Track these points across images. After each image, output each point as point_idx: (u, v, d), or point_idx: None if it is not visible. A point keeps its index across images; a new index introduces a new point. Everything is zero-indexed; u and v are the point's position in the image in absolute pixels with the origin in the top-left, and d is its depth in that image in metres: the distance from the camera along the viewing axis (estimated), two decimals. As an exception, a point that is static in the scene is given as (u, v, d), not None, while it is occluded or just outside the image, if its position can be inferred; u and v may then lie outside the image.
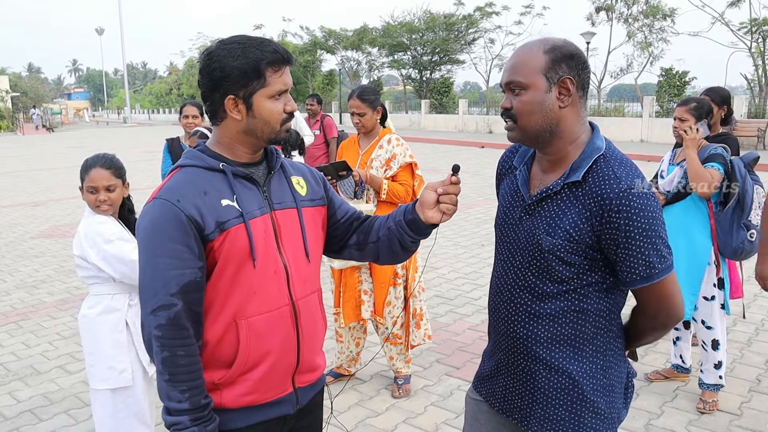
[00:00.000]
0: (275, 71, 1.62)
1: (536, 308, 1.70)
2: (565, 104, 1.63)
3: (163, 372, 1.57)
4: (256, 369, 1.67)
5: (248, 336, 1.65)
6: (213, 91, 1.64)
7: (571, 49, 1.64)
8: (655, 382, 4.03)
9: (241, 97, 1.62)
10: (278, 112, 1.65)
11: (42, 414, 3.81)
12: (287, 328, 1.71)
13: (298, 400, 1.79)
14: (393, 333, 3.89)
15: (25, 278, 6.81)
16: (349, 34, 42.85)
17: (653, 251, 1.56)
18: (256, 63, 1.59)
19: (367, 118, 3.85)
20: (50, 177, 16.15)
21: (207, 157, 1.68)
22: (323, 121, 8.21)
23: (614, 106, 28.56)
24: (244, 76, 1.60)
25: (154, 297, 1.57)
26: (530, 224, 1.69)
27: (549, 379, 1.71)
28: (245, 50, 1.60)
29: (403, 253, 1.86)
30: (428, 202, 1.72)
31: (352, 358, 4.14)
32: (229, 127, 1.68)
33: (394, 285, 3.83)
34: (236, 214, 1.63)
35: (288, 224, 1.73)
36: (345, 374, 4.17)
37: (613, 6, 30.94)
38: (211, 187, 1.63)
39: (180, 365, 1.57)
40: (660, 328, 1.72)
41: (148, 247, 1.59)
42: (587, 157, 1.63)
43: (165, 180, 1.69)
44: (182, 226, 1.57)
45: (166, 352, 1.56)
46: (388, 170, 3.79)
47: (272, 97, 1.64)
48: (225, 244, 1.61)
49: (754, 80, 26.05)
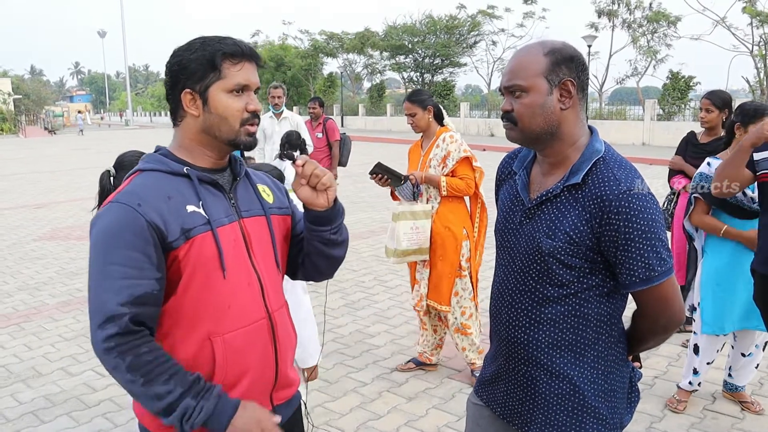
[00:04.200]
0: (233, 64, 1.54)
1: (537, 313, 1.70)
2: (566, 106, 1.63)
3: (135, 378, 1.44)
4: (234, 389, 1.58)
5: (225, 354, 1.55)
6: (173, 89, 1.57)
7: (571, 51, 1.65)
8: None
9: (197, 90, 1.54)
10: (236, 108, 1.55)
11: (44, 416, 3.81)
12: (265, 343, 1.63)
13: None
14: (462, 323, 4.03)
15: (27, 280, 6.82)
16: (350, 37, 42.89)
17: (653, 253, 1.56)
18: (212, 54, 1.53)
19: (419, 118, 4.03)
20: (52, 179, 16.18)
21: (169, 160, 1.58)
22: (326, 124, 8.21)
23: (616, 109, 28.57)
24: (200, 68, 1.53)
25: (102, 308, 1.44)
26: (530, 228, 1.69)
27: (550, 384, 1.71)
28: (204, 44, 1.55)
29: (331, 248, 1.76)
30: (302, 194, 1.65)
31: (436, 344, 4.30)
32: (188, 127, 1.58)
33: (460, 277, 3.99)
34: (203, 221, 1.53)
35: (258, 232, 1.65)
36: (427, 362, 4.32)
37: (615, 11, 30.97)
38: (176, 192, 1.53)
39: (150, 361, 1.45)
40: (661, 332, 1.72)
41: (100, 253, 1.47)
42: (587, 160, 1.63)
43: (123, 184, 1.57)
44: (142, 233, 1.45)
45: (129, 356, 1.43)
46: (445, 167, 3.95)
47: (230, 92, 1.55)
48: (191, 253, 1.51)
49: (756, 83, 26.03)
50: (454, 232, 3.95)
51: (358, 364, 4.45)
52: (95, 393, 4.09)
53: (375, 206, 11.04)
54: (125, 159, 2.89)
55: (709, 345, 3.65)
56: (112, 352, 1.44)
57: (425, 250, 3.99)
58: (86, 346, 4.90)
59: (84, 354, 4.74)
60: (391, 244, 4.03)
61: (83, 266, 7.31)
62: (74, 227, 9.74)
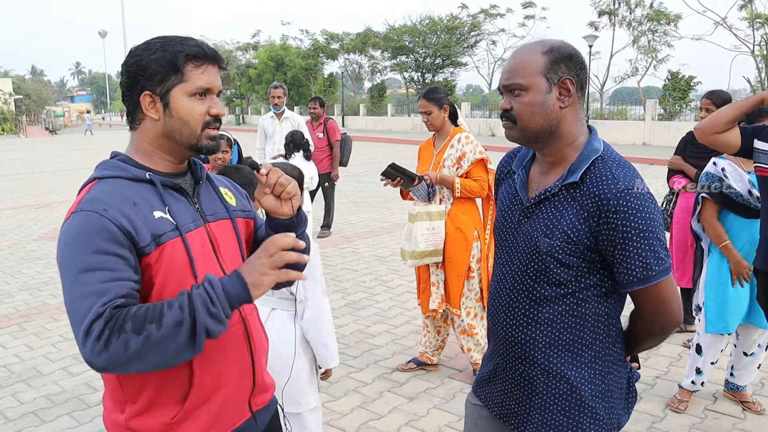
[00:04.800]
0: (196, 66, 1.49)
1: (534, 313, 1.70)
2: (565, 104, 1.64)
3: (148, 332, 1.29)
4: (213, 399, 1.53)
5: (201, 363, 1.50)
6: (131, 90, 1.50)
7: (569, 49, 1.65)
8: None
9: (158, 93, 1.48)
10: (198, 112, 1.50)
11: (45, 416, 3.81)
12: (242, 349, 1.60)
13: (257, 424, 1.69)
14: (468, 324, 4.01)
15: (28, 280, 6.83)
16: (351, 38, 42.91)
17: (650, 252, 1.56)
18: (174, 56, 1.46)
19: (434, 116, 3.99)
20: (53, 179, 16.19)
21: (129, 166, 1.51)
22: (326, 124, 8.23)
23: (617, 109, 28.56)
24: (161, 70, 1.46)
25: (84, 317, 1.31)
26: (528, 227, 1.70)
27: (547, 384, 1.71)
28: (165, 44, 1.48)
29: None
30: (266, 202, 1.63)
31: (438, 346, 4.29)
32: (147, 131, 1.52)
33: (468, 278, 3.97)
34: (171, 227, 1.47)
35: (224, 236, 1.61)
36: (428, 363, 4.32)
37: (615, 11, 30.97)
38: (140, 199, 1.46)
39: (144, 311, 1.33)
40: (658, 332, 1.71)
41: (71, 264, 1.36)
42: (585, 159, 1.63)
43: (80, 194, 1.48)
44: (113, 237, 1.37)
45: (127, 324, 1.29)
46: (459, 168, 3.92)
47: (192, 95, 1.49)
48: (162, 259, 1.44)
49: (757, 83, 26.02)
50: (465, 234, 3.93)
51: (359, 364, 4.45)
52: (96, 393, 4.09)
53: (376, 206, 11.04)
54: None
55: (713, 344, 3.65)
56: (111, 339, 1.29)
57: (440, 252, 3.97)
58: (87, 346, 4.90)
59: (85, 354, 4.74)
60: (408, 246, 3.98)
61: (84, 266, 7.31)
62: (75, 227, 9.74)
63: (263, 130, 7.76)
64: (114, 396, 1.55)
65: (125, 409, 1.52)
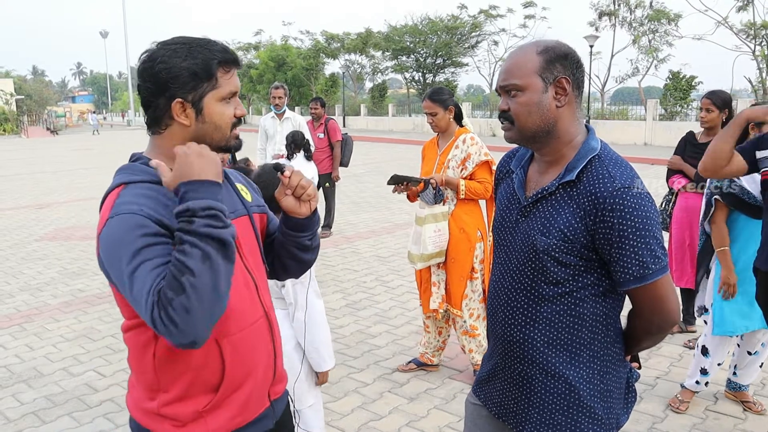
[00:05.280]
0: (226, 72, 1.52)
1: (533, 312, 1.70)
2: (562, 104, 1.64)
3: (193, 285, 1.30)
4: (242, 388, 1.60)
5: (233, 355, 1.56)
6: (157, 96, 1.50)
7: (564, 49, 1.65)
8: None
9: (189, 100, 1.49)
10: (229, 116, 1.55)
11: (45, 416, 3.81)
12: (266, 340, 1.67)
13: (275, 412, 1.75)
14: (471, 325, 4.00)
15: (29, 281, 6.83)
16: (352, 37, 42.93)
17: (647, 251, 1.56)
18: (207, 63, 1.48)
19: (439, 118, 3.98)
20: (54, 179, 16.20)
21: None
22: (327, 124, 8.23)
23: (618, 109, 28.55)
24: (194, 77, 1.47)
25: (147, 306, 1.34)
26: (526, 226, 1.70)
27: (545, 383, 1.71)
28: (192, 50, 1.48)
29: (305, 253, 1.79)
30: (286, 203, 1.67)
31: (439, 347, 4.28)
32: (174, 135, 1.53)
33: (471, 279, 3.96)
34: None
35: (244, 232, 1.64)
36: (428, 363, 4.32)
37: (615, 11, 30.97)
38: (169, 200, 1.48)
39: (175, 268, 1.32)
40: (656, 331, 1.71)
41: (122, 266, 1.38)
42: (582, 158, 1.64)
43: (109, 200, 1.49)
44: (153, 230, 1.40)
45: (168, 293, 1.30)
46: (464, 170, 3.92)
47: (223, 100, 1.53)
48: None
49: (758, 83, 26.00)
50: (468, 234, 3.93)
51: (360, 365, 4.45)
52: (96, 393, 4.09)
53: (376, 206, 11.04)
54: None
55: (720, 346, 3.64)
56: (170, 317, 1.30)
57: (444, 252, 3.97)
58: (88, 346, 4.91)
59: (85, 354, 4.75)
60: (416, 249, 3.96)
61: (85, 267, 7.33)
62: (76, 227, 9.75)
63: (264, 131, 7.77)
64: (145, 385, 1.59)
65: (157, 397, 1.57)
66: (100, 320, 5.49)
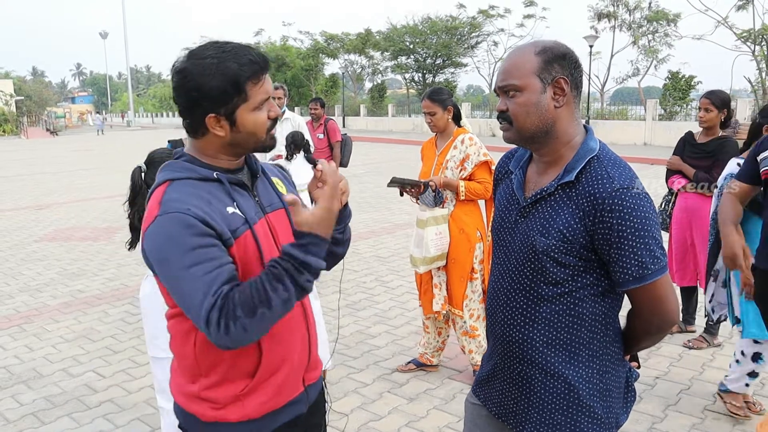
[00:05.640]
0: (255, 84, 1.55)
1: (532, 312, 1.70)
2: (560, 104, 1.64)
3: (262, 311, 1.44)
4: (278, 373, 1.67)
5: (269, 342, 1.63)
6: (191, 110, 1.56)
7: (563, 49, 1.65)
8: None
9: (222, 114, 1.54)
10: (262, 122, 1.59)
11: (45, 417, 3.81)
12: (301, 329, 1.74)
13: (308, 397, 1.81)
14: (471, 326, 4.00)
15: (28, 281, 6.83)
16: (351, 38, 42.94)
17: (646, 251, 1.56)
18: (235, 79, 1.51)
19: (438, 117, 3.96)
20: (54, 180, 16.21)
21: (198, 167, 1.60)
22: (327, 124, 8.22)
23: (617, 109, 28.56)
24: (224, 95, 1.51)
25: (200, 308, 1.44)
26: (525, 226, 1.70)
27: (545, 383, 1.71)
28: (221, 65, 1.51)
29: (336, 246, 1.81)
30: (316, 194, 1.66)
31: (438, 347, 4.28)
32: (212, 142, 1.60)
33: (471, 279, 3.96)
34: (242, 221, 1.58)
35: (281, 225, 1.71)
36: (427, 364, 4.32)
37: (614, 13, 30.98)
38: (213, 197, 1.56)
39: (254, 290, 1.44)
40: (655, 331, 1.71)
41: (172, 265, 1.47)
42: (581, 158, 1.64)
43: (156, 197, 1.55)
44: (202, 231, 1.47)
45: (238, 310, 1.42)
46: (463, 171, 3.91)
47: (256, 109, 1.57)
48: (239, 253, 1.56)
49: (758, 84, 26.01)
50: (468, 235, 3.92)
51: (359, 365, 4.45)
52: (96, 394, 4.09)
53: (376, 207, 11.05)
54: (155, 156, 3.00)
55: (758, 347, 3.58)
56: (227, 327, 1.42)
57: (445, 255, 3.97)
58: (87, 347, 4.91)
59: (85, 355, 4.75)
60: (418, 252, 3.95)
61: (85, 267, 7.33)
62: (76, 228, 9.76)
63: (263, 131, 7.75)
64: (187, 370, 1.68)
65: (197, 381, 1.65)
66: (100, 321, 5.49)
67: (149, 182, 2.96)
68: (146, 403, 3.95)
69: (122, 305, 5.92)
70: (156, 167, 2.96)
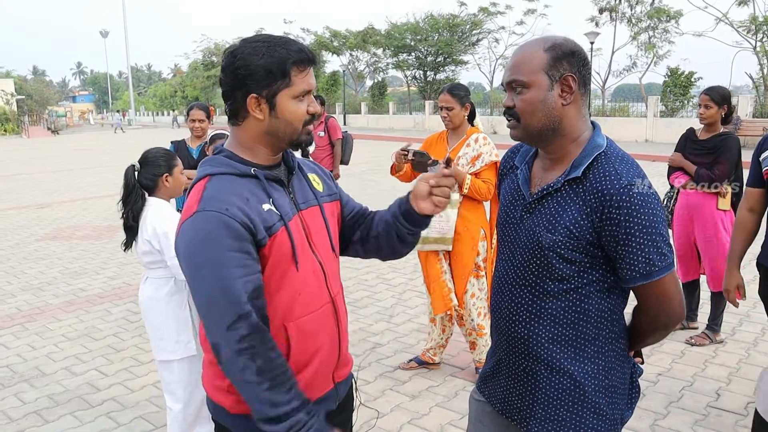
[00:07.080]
0: (300, 71, 1.58)
1: (537, 308, 1.70)
2: (567, 102, 1.63)
3: (262, 381, 1.50)
4: (306, 369, 1.68)
5: (298, 337, 1.65)
6: (235, 90, 1.59)
7: (572, 46, 1.64)
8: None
9: (264, 96, 1.57)
10: (301, 113, 1.61)
11: (48, 415, 3.82)
12: (331, 325, 1.74)
13: (338, 394, 1.82)
14: (478, 324, 4.00)
15: (30, 280, 6.84)
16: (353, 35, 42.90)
17: (653, 248, 1.55)
18: (281, 62, 1.55)
19: (455, 113, 3.95)
20: (55, 179, 16.21)
21: (236, 163, 1.63)
22: (327, 122, 8.20)
23: (619, 105, 28.51)
24: (269, 75, 1.55)
25: (229, 311, 1.48)
26: (531, 222, 1.69)
27: (550, 379, 1.70)
28: (270, 48, 1.55)
29: (402, 246, 1.86)
30: (421, 193, 1.72)
31: (441, 345, 4.26)
32: (250, 128, 1.63)
33: (477, 276, 3.96)
34: (277, 218, 1.60)
35: (314, 222, 1.73)
36: (429, 362, 4.30)
37: (616, 7, 30.92)
38: (250, 194, 1.58)
39: (278, 365, 1.52)
40: (662, 328, 1.71)
41: (207, 261, 1.50)
42: (588, 155, 1.62)
43: (196, 191, 1.60)
44: (238, 234, 1.50)
45: (259, 360, 1.49)
46: (473, 168, 3.90)
47: (296, 98, 1.59)
48: (273, 249, 1.58)
49: (760, 79, 25.95)
50: (471, 233, 3.92)
51: (361, 363, 4.45)
52: (99, 392, 4.10)
53: (377, 204, 10.99)
54: (149, 155, 3.02)
55: None
56: (244, 353, 1.48)
57: (448, 240, 3.92)
58: (89, 345, 4.91)
59: (87, 354, 4.75)
60: None
61: (86, 266, 7.33)
62: (77, 227, 9.76)
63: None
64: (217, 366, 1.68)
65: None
66: (102, 319, 5.50)
67: (143, 181, 2.97)
68: (148, 401, 3.95)
69: (124, 304, 5.93)
70: (150, 166, 2.98)
